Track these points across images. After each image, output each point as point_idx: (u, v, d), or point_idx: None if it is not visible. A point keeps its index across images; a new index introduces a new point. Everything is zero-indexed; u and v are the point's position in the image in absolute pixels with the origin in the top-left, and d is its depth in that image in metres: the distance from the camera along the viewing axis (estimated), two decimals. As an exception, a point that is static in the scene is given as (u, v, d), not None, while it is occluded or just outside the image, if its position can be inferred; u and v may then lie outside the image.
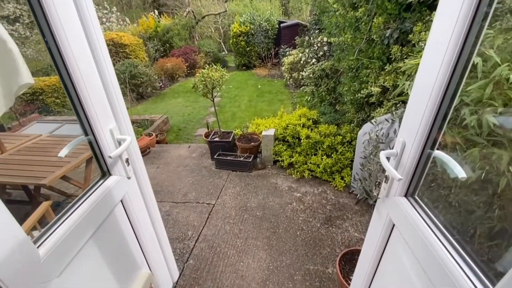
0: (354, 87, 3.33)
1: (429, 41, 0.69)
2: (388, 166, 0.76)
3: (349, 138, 3.26)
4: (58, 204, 2.69)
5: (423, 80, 0.70)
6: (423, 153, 0.74)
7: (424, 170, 0.76)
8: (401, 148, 0.78)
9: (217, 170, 3.37)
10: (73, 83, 0.73)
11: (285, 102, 6.95)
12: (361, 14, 2.70)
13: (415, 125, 0.73)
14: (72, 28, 0.69)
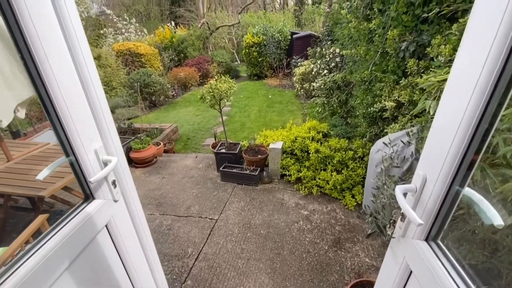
0: (367, 101, 3.20)
1: (458, 58, 0.58)
2: (405, 205, 0.64)
3: (361, 154, 3.10)
4: (61, 212, 2.68)
5: (451, 103, 0.59)
6: (450, 190, 0.62)
7: (450, 211, 0.64)
8: (421, 183, 0.67)
9: (223, 183, 3.28)
10: (51, 100, 0.67)
11: (295, 113, 6.85)
12: (374, 26, 2.60)
13: (440, 157, 0.61)
14: (50, 38, 0.64)
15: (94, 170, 0.81)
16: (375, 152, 2.41)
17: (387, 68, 2.53)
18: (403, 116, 2.60)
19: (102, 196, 0.85)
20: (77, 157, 0.76)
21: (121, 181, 0.94)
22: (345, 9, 3.67)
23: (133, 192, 0.99)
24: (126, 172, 0.95)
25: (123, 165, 0.93)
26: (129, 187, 0.97)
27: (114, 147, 0.88)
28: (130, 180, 0.98)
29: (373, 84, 3.07)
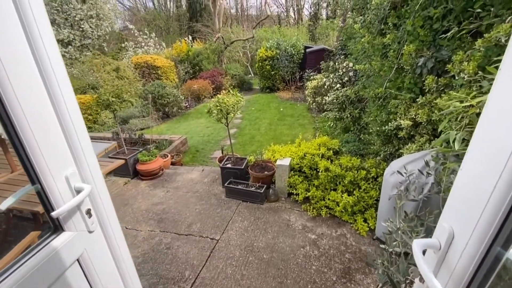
0: (381, 118, 3.03)
1: (502, 82, 0.45)
2: (424, 268, 0.50)
3: (375, 174, 2.91)
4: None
5: (489, 141, 0.46)
6: (489, 252, 0.47)
7: (487, 279, 0.49)
8: (447, 239, 0.52)
9: (227, 199, 3.16)
10: (10, 119, 0.60)
11: (306, 127, 6.71)
12: (389, 41, 2.48)
13: (475, 208, 0.47)
14: (11, 51, 0.57)
15: (64, 199, 0.73)
16: (390, 174, 2.22)
17: (403, 85, 2.38)
18: (421, 135, 2.41)
19: (74, 227, 0.77)
20: (43, 185, 0.68)
21: (99, 210, 0.85)
22: (358, 24, 3.58)
23: (114, 221, 0.90)
24: (105, 199, 0.87)
25: (101, 192, 0.85)
26: (108, 215, 0.88)
27: (90, 172, 0.80)
28: (110, 208, 0.89)
29: (388, 100, 2.91)
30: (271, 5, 25.88)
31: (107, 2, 15.32)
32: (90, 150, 0.80)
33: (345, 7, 7.64)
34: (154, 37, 15.15)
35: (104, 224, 0.87)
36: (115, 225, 0.92)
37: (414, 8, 2.02)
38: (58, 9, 13.01)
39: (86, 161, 0.78)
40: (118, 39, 16.93)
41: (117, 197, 3.27)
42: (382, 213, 2.36)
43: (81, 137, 0.75)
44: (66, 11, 13.22)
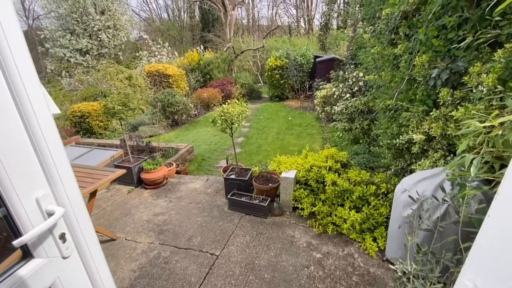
0: (392, 130, 2.89)
1: None
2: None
3: (385, 190, 2.75)
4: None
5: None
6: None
7: None
8: (467, 300, 0.42)
9: (230, 212, 3.07)
10: None
11: (314, 137, 6.58)
12: (400, 51, 2.38)
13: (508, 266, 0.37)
14: None
15: (34, 223, 0.67)
16: (401, 192, 2.07)
17: (415, 97, 2.26)
18: (435, 151, 2.26)
19: (45, 253, 0.71)
20: (9, 208, 0.63)
21: (75, 233, 0.79)
22: (368, 34, 3.50)
23: (93, 245, 0.84)
24: (84, 222, 0.80)
25: (78, 214, 0.79)
26: (86, 239, 0.81)
27: (66, 194, 0.74)
28: (89, 231, 0.83)
29: (399, 112, 2.78)
30: (282, 15, 26.23)
31: (124, 13, 15.95)
32: (66, 169, 0.74)
33: (355, 17, 7.59)
34: (167, 47, 15.58)
35: (82, 249, 0.81)
36: (95, 249, 0.85)
37: (426, 17, 1.92)
38: (78, 20, 13.62)
39: (61, 181, 0.72)
40: (133, 48, 17.52)
41: (119, 206, 3.24)
42: (393, 233, 2.20)
43: (55, 155, 0.70)
44: (86, 21, 13.82)
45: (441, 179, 1.87)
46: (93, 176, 2.26)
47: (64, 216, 0.75)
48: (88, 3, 13.42)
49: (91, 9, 13.64)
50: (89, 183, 2.14)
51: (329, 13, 16.15)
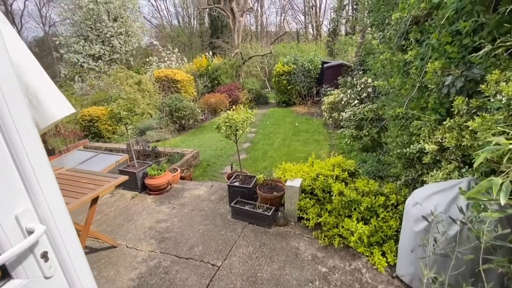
0: (402, 139, 2.78)
1: None
2: None
3: (395, 201, 2.63)
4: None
5: None
6: None
7: None
8: None
9: (233, 220, 3.00)
10: None
11: (321, 143, 6.47)
12: (411, 58, 2.29)
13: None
14: None
15: (12, 242, 0.63)
16: (412, 205, 1.96)
17: (427, 105, 2.16)
18: (448, 162, 2.14)
19: (25, 273, 0.66)
20: (-15, 227, 0.59)
21: (60, 252, 0.74)
22: (377, 40, 3.42)
23: (79, 263, 0.79)
24: (69, 239, 0.76)
25: (63, 231, 0.74)
26: (72, 257, 0.76)
27: (49, 209, 0.70)
28: (75, 248, 0.78)
29: (410, 121, 2.67)
30: (290, 22, 26.36)
31: (136, 20, 16.34)
32: (50, 183, 0.70)
33: (364, 23, 7.51)
34: (177, 52, 15.85)
35: (67, 268, 0.76)
36: (81, 267, 0.80)
37: (439, 22, 1.84)
38: (91, 26, 14.03)
39: (44, 196, 0.68)
40: (144, 54, 17.90)
41: (123, 212, 3.22)
42: (403, 248, 2.08)
43: (38, 168, 0.66)
44: (99, 28, 14.23)
45: (455, 194, 1.76)
46: (95, 182, 2.24)
47: (47, 233, 0.70)
48: (102, 10, 13.83)
49: (105, 16, 14.04)
50: (90, 189, 2.12)
51: (338, 19, 16.12)
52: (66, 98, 1.61)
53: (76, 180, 2.28)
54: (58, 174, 2.43)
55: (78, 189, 2.12)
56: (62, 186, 2.19)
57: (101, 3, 13.77)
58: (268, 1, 26.53)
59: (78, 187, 2.16)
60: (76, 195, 2.02)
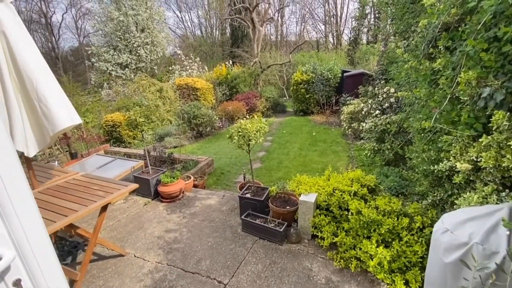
0: (429, 155, 2.54)
1: None
2: None
3: (420, 224, 2.38)
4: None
5: None
6: None
7: None
8: None
9: (243, 234, 2.88)
10: None
11: (339, 155, 6.20)
12: (440, 66, 2.09)
13: None
14: None
15: (-22, 268, 0.57)
16: (442, 232, 1.73)
17: (459, 119, 1.94)
18: (484, 183, 1.90)
19: (-6, 302, 0.60)
20: None
21: (35, 278, 0.68)
22: (402, 48, 3.23)
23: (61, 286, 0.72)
24: (48, 266, 0.69)
25: (40, 256, 0.68)
26: (49, 283, 0.70)
27: (25, 234, 0.64)
28: (53, 273, 0.71)
29: (439, 135, 2.44)
30: (310, 31, 26.30)
31: (161, 31, 17.11)
32: (29, 209, 0.64)
33: (387, 31, 7.24)
34: (198, 61, 16.32)
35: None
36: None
37: (474, 27, 1.66)
38: (121, 37, 14.89)
39: (19, 219, 0.62)
40: (168, 63, 18.64)
41: (134, 219, 3.23)
42: (431, 280, 1.84)
43: (12, 189, 0.60)
44: (127, 38, 15.05)
45: (494, 221, 1.53)
46: (106, 189, 2.25)
47: (22, 260, 0.64)
48: (131, 22, 14.65)
49: (133, 27, 14.84)
50: (100, 196, 2.12)
51: (359, 28, 15.81)
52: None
53: (88, 187, 2.30)
54: (72, 179, 2.47)
55: (88, 196, 2.13)
56: (73, 192, 2.21)
57: (130, 15, 14.60)
58: (289, 11, 26.67)
59: (88, 193, 2.17)
60: (86, 202, 2.02)
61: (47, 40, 25.73)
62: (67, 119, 1.96)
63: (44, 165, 2.81)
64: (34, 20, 24.15)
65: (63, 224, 1.78)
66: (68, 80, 13.51)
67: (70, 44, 29.98)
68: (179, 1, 27.40)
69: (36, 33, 25.36)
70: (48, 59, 26.01)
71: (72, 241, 2.69)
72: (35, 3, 23.31)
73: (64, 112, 1.95)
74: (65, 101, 1.96)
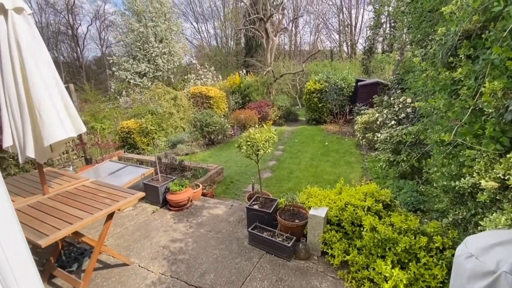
0: (449, 169, 2.37)
1: None
2: None
3: (440, 244, 2.20)
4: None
5: None
6: None
7: None
8: None
9: (249, 247, 2.78)
10: None
11: (353, 165, 6.00)
12: (461, 76, 1.97)
13: None
14: None
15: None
16: (465, 257, 1.56)
17: (483, 132, 1.79)
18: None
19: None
20: None
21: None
22: (419, 57, 3.10)
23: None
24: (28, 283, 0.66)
25: (20, 275, 0.64)
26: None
27: (3, 251, 0.60)
28: None
29: (460, 149, 2.28)
30: (324, 40, 26.28)
31: (178, 41, 17.68)
32: (6, 223, 0.61)
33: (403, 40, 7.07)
34: (213, 70, 16.68)
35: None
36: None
37: (499, 35, 1.54)
38: (140, 47, 15.52)
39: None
40: (184, 72, 19.18)
41: (141, 227, 3.22)
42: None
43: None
44: (146, 49, 15.67)
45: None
46: (113, 197, 2.25)
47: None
48: (150, 33, 15.27)
49: (152, 38, 15.45)
50: (106, 204, 2.12)
51: (374, 37, 15.61)
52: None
53: (96, 194, 2.32)
54: (82, 186, 2.50)
55: (95, 203, 2.13)
56: (81, 198, 2.23)
57: (150, 27, 15.23)
58: (303, 22, 26.87)
59: (95, 201, 2.18)
60: (91, 210, 2.03)
61: (73, 50, 27.31)
62: (61, 132, 1.99)
63: (57, 171, 2.88)
64: (62, 31, 25.77)
65: (68, 232, 1.77)
66: (90, 88, 14.14)
67: (93, 54, 31.67)
68: (196, 13, 28.35)
69: (63, 43, 27.03)
70: (73, 68, 27.57)
71: (80, 247, 2.70)
72: (63, 16, 24.94)
73: (58, 125, 1.98)
74: (62, 113, 2.01)
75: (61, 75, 24.87)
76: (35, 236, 1.65)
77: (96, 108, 10.27)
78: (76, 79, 23.49)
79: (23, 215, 1.95)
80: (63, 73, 25.65)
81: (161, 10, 15.67)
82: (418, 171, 4.08)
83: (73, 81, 22.64)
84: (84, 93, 13.56)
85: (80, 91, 14.61)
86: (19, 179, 2.65)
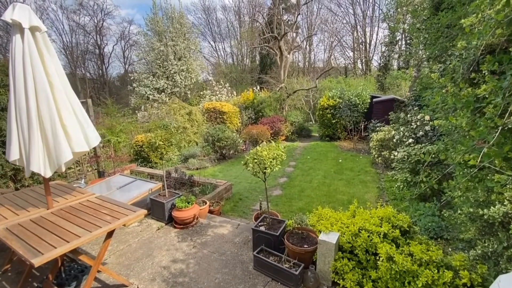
0: (476, 195, 2.15)
1: None
2: None
3: (467, 281, 1.94)
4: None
5: None
6: None
7: None
8: None
9: (254, 273, 2.60)
10: None
11: (368, 185, 5.70)
12: (485, 93, 1.80)
13: None
14: None
15: None
16: (500, 301, 1.34)
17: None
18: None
19: None
20: None
21: None
22: (437, 73, 2.95)
23: None
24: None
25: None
26: None
27: None
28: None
29: (487, 172, 2.06)
30: (339, 57, 26.38)
31: (196, 59, 18.38)
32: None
33: (419, 56, 6.89)
34: (228, 87, 17.05)
35: None
36: None
37: (528, 49, 1.40)
38: (160, 64, 16.27)
39: None
40: (200, 88, 19.77)
41: (144, 245, 3.13)
42: None
43: None
44: (165, 66, 16.39)
45: None
46: (115, 214, 2.20)
47: None
48: (170, 51, 16.02)
49: (171, 56, 16.19)
50: (107, 222, 2.07)
51: (389, 54, 15.46)
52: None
53: (98, 210, 2.28)
54: (86, 201, 2.49)
55: (95, 221, 2.09)
56: (83, 214, 2.20)
57: (170, 46, 16.00)
58: (317, 39, 27.26)
59: (96, 217, 2.14)
60: (90, 227, 1.98)
61: (99, 67, 29.15)
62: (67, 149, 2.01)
63: (65, 185, 2.90)
64: (90, 50, 27.70)
65: (63, 251, 1.72)
66: (111, 103, 14.81)
67: (117, 71, 33.68)
68: (214, 32, 29.60)
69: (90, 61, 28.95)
70: (98, 84, 29.28)
71: (81, 264, 2.64)
72: (91, 36, 26.89)
73: (65, 142, 2.00)
74: (71, 128, 2.04)
75: (87, 90, 26.52)
76: (30, 255, 1.61)
77: (113, 122, 10.66)
78: (100, 94, 24.79)
79: (24, 230, 1.93)
80: (88, 88, 27.29)
81: (181, 31, 16.46)
82: (438, 194, 3.77)
83: (97, 96, 23.89)
84: (106, 107, 14.20)
85: (102, 105, 15.32)
86: (28, 192, 2.68)
